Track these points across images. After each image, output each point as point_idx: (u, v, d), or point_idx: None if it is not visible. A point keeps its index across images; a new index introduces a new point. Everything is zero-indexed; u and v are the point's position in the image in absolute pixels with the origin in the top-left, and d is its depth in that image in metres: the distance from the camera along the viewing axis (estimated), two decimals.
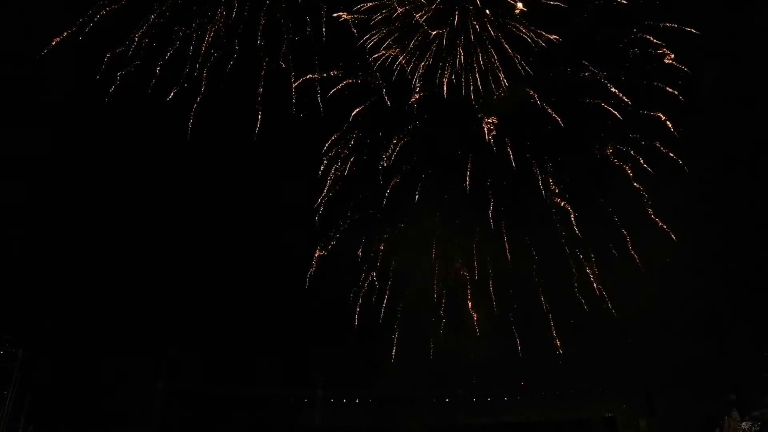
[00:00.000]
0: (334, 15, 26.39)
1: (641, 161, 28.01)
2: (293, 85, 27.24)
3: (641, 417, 34.41)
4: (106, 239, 31.19)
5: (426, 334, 31.93)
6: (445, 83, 27.58)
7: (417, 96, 27.86)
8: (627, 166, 28.26)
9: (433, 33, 26.36)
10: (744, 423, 25.36)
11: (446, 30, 26.69)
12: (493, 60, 27.06)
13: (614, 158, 28.28)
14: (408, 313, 31.74)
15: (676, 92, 26.87)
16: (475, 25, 26.76)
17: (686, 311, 29.52)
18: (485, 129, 28.03)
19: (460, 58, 27.25)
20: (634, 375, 34.15)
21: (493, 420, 36.95)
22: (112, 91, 26.33)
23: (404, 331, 31.72)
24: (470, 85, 27.53)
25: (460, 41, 26.95)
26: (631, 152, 28.24)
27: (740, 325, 29.80)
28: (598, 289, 29.48)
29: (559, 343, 30.12)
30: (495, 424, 36.95)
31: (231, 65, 26.87)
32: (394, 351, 31.65)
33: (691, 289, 28.32)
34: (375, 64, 27.41)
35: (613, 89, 27.42)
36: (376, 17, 26.77)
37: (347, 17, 26.23)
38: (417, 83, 27.76)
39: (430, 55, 27.45)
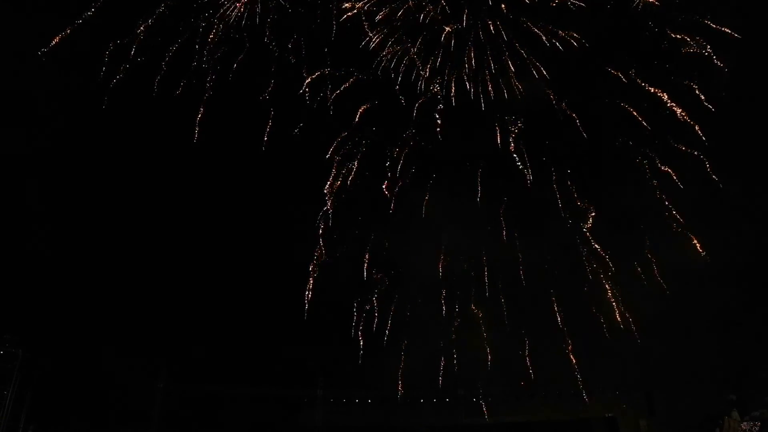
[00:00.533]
0: (344, 6, 26.01)
1: (657, 161, 27.98)
2: (305, 82, 27.02)
3: (641, 417, 34.57)
4: (107, 239, 30.98)
5: (428, 335, 31.91)
6: (453, 81, 27.44)
7: (431, 91, 27.58)
8: (645, 161, 28.13)
9: (447, 29, 26.08)
10: (744, 423, 25.60)
11: (458, 26, 26.41)
12: (505, 58, 26.86)
13: (632, 157, 28.10)
14: (412, 315, 31.68)
15: (695, 86, 26.60)
16: (488, 21, 26.49)
17: (688, 312, 29.65)
18: (498, 129, 27.90)
19: (471, 55, 27.05)
20: (634, 375, 34.25)
21: (493, 420, 36.98)
22: (116, 86, 26.10)
23: (408, 335, 31.67)
24: (479, 84, 27.42)
25: (472, 34, 26.63)
26: (648, 151, 28.14)
27: (741, 326, 29.93)
28: (610, 289, 29.47)
29: (570, 347, 30.08)
30: (495, 424, 36.98)
31: (239, 61, 26.67)
32: (402, 360, 31.57)
33: (694, 290, 28.41)
34: (382, 62, 27.25)
35: (638, 82, 27.03)
36: (383, 11, 26.53)
37: (359, 6, 25.87)
38: (424, 81, 27.59)
39: (439, 52, 27.29)
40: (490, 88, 27.58)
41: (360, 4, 26.37)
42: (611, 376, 34.78)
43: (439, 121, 27.84)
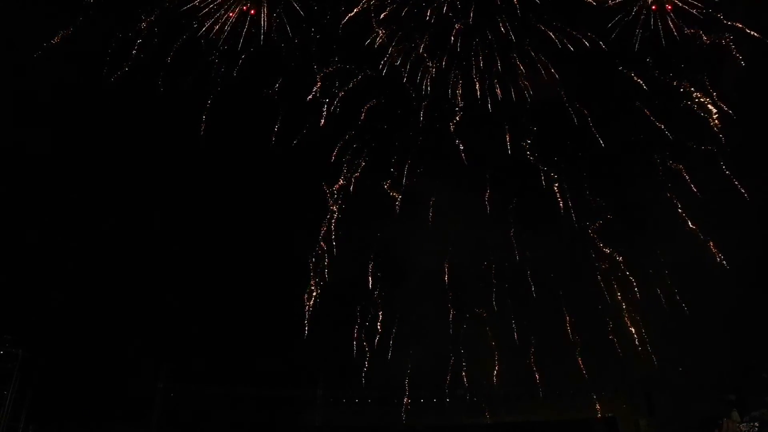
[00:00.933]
0: None
1: (670, 161, 28.01)
2: (318, 76, 26.79)
3: (641, 417, 34.72)
4: (107, 239, 30.70)
5: (432, 336, 31.89)
6: (460, 78, 27.35)
7: (439, 89, 27.47)
8: (658, 160, 28.12)
9: (458, 26, 25.96)
10: (743, 424, 25.67)
11: (468, 22, 26.28)
12: (514, 57, 26.78)
13: (646, 156, 28.06)
14: (416, 316, 31.62)
15: (707, 83, 26.51)
16: (497, 21, 26.43)
17: (689, 312, 29.85)
18: (507, 128, 27.85)
19: (479, 52, 26.95)
20: (634, 375, 34.41)
21: (493, 420, 37.03)
22: (119, 82, 25.83)
23: (411, 336, 31.61)
24: (485, 84, 27.36)
25: (480, 30, 26.53)
26: (662, 150, 28.13)
27: (743, 326, 30.13)
28: (619, 290, 29.52)
29: (579, 348, 30.08)
30: (495, 424, 37.02)
31: (245, 57, 26.48)
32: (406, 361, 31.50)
33: (697, 291, 28.57)
34: (388, 62, 27.15)
35: (656, 74, 26.95)
36: (391, 6, 26.35)
37: None
38: (430, 78, 27.49)
39: (447, 50, 27.20)
40: (497, 87, 27.59)
41: None
42: (611, 376, 34.98)
43: (447, 120, 27.83)
